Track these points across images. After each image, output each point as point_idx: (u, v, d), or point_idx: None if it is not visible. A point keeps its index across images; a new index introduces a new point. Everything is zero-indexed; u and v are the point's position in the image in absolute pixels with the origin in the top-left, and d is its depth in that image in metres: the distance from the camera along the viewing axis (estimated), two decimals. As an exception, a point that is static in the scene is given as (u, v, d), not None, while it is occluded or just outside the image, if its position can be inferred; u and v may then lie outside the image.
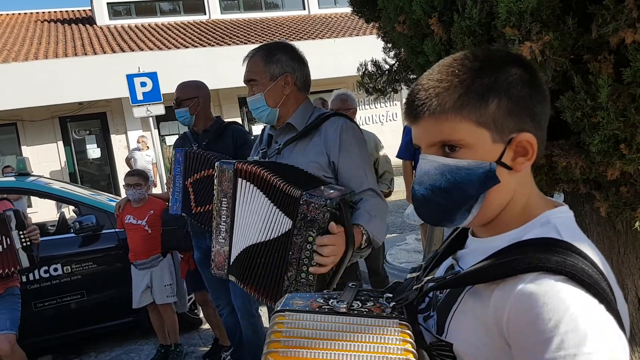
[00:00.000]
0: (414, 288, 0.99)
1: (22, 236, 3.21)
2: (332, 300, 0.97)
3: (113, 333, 4.83)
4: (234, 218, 1.78)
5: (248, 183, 1.74)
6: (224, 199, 1.81)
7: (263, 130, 2.16)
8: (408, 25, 1.93)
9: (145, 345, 4.68)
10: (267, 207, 1.68)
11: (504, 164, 0.87)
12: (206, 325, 4.69)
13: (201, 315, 4.75)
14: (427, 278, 0.99)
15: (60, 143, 12.18)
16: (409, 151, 4.61)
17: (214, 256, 1.88)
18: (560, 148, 1.73)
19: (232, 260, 1.78)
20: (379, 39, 2.71)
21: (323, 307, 0.95)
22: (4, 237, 3.18)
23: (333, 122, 1.91)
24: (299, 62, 1.99)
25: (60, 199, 4.92)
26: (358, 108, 4.38)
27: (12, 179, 4.93)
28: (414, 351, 0.86)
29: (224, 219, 1.80)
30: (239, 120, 12.04)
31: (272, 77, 1.93)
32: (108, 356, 4.55)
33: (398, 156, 4.61)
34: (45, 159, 11.78)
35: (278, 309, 0.96)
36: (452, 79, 0.87)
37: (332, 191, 1.65)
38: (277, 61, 1.94)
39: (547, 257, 0.79)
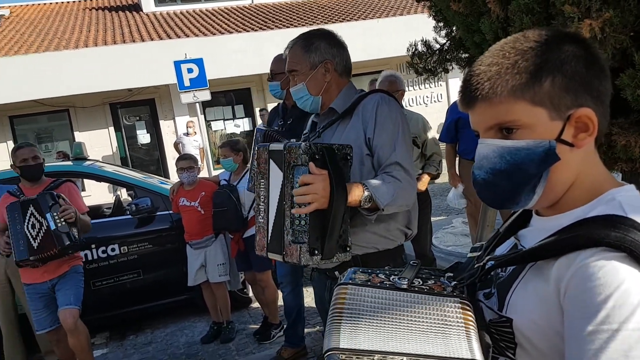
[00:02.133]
0: (475, 267, 1.01)
1: (56, 217, 3.36)
2: (393, 277, 1.00)
3: (168, 310, 5.04)
4: (269, 197, 1.82)
5: (272, 161, 1.79)
6: (261, 180, 1.85)
7: (309, 117, 2.19)
8: (464, 3, 1.92)
9: (198, 322, 4.85)
10: (277, 171, 1.74)
11: (564, 140, 0.88)
12: (255, 304, 4.82)
13: (250, 294, 4.89)
14: (489, 257, 1.00)
15: (112, 129, 12.59)
16: (450, 134, 4.56)
17: (256, 236, 1.92)
18: (619, 126, 1.70)
19: (269, 238, 1.83)
20: (430, 18, 2.68)
21: (384, 282, 0.98)
22: (43, 219, 3.34)
23: (370, 98, 1.92)
24: (338, 47, 2.00)
25: (116, 182, 5.13)
26: (402, 89, 4.34)
27: (70, 163, 5.17)
28: (475, 330, 0.88)
29: (262, 199, 1.85)
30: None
31: (312, 65, 1.95)
32: (163, 332, 4.75)
33: (440, 139, 4.57)
34: (97, 144, 12.20)
35: (341, 282, 1.00)
36: (503, 61, 0.88)
37: (319, 144, 1.67)
38: (315, 49, 1.95)
39: (607, 232, 0.80)
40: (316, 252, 1.63)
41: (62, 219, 3.36)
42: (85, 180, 8.32)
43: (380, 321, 0.89)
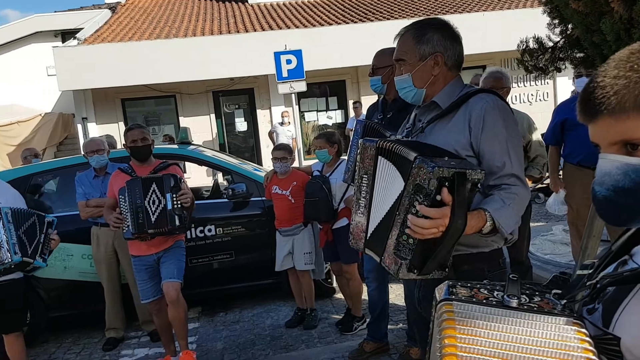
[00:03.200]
0: (587, 284, 0.96)
1: (174, 199, 3.54)
2: (496, 292, 0.98)
3: (255, 292, 5.22)
4: (372, 195, 1.79)
5: (387, 161, 1.73)
6: (364, 176, 1.82)
7: (411, 110, 2.12)
8: (584, 2, 1.78)
9: (283, 306, 4.98)
10: (396, 177, 1.68)
11: None
12: (339, 295, 4.86)
13: (335, 284, 4.94)
14: (602, 274, 0.95)
15: (213, 116, 13.18)
16: (556, 136, 4.29)
17: (352, 229, 1.91)
18: None
19: (369, 234, 1.81)
20: (544, 14, 2.52)
21: (490, 299, 0.96)
22: (163, 197, 3.53)
23: (479, 99, 1.81)
24: (452, 40, 1.90)
25: (215, 166, 5.37)
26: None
27: (175, 146, 5.48)
28: (593, 349, 0.86)
29: (363, 195, 1.82)
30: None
31: (421, 57, 1.87)
32: (250, 313, 4.93)
33: (545, 140, 4.31)
34: (199, 129, 12.83)
35: (442, 297, 0.98)
36: (630, 74, 0.83)
37: (453, 163, 1.57)
38: (427, 40, 1.87)
39: None
40: (415, 270, 1.60)
41: (179, 202, 3.54)
42: (187, 163, 8.78)
43: (495, 341, 0.89)
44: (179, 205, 3.55)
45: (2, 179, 4.27)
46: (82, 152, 4.57)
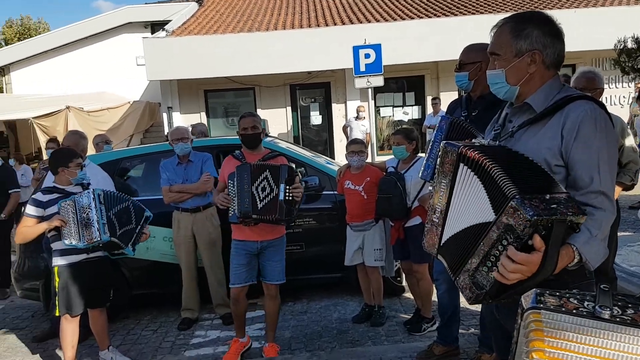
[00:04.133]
0: None
1: (287, 191, 3.56)
2: (587, 303, 0.94)
3: (323, 285, 5.27)
4: (449, 201, 1.74)
5: (469, 170, 1.66)
6: (443, 180, 1.77)
7: (503, 106, 2.03)
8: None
9: (350, 301, 5.00)
10: (481, 194, 1.60)
11: None
12: (408, 294, 4.80)
13: (404, 283, 4.89)
14: None
15: (289, 109, 13.40)
16: (652, 142, 4.00)
17: (426, 232, 1.87)
18: None
19: (442, 241, 1.77)
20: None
21: (580, 309, 0.93)
22: (276, 186, 3.55)
23: (577, 106, 1.69)
24: (553, 37, 1.79)
25: (291, 159, 5.41)
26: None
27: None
28: None
29: (440, 200, 1.78)
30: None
31: (517, 53, 1.78)
32: (318, 305, 4.98)
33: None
34: (275, 122, 13.09)
35: (530, 306, 0.95)
36: None
37: (554, 205, 1.46)
38: (526, 36, 1.77)
39: None
40: (490, 300, 1.56)
41: (291, 194, 3.56)
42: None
43: (585, 356, 0.87)
44: (291, 198, 3.55)
45: (93, 162, 4.59)
46: (168, 140, 4.78)
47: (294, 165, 7.90)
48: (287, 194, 3.53)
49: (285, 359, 3.87)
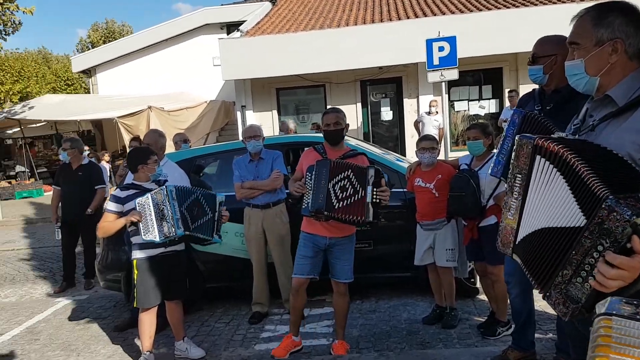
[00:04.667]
0: None
1: (374, 193, 3.50)
2: None
3: (393, 284, 5.19)
4: (525, 197, 1.64)
5: (547, 163, 1.56)
6: (518, 175, 1.68)
7: (582, 101, 1.91)
8: None
9: (421, 301, 4.89)
10: (564, 194, 1.49)
11: None
12: (482, 296, 4.63)
13: (478, 285, 4.72)
14: None
15: (359, 105, 13.34)
16: None
17: (500, 231, 1.79)
18: None
19: (518, 239, 1.68)
20: None
21: None
22: (362, 188, 3.51)
23: None
24: (637, 26, 1.68)
25: (359, 155, 5.38)
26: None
27: (320, 134, 5.60)
28: None
29: (515, 196, 1.69)
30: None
31: (597, 42, 1.69)
32: (387, 304, 4.92)
33: None
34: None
35: (602, 311, 0.87)
36: None
37: None
38: (608, 24, 1.68)
39: None
40: (586, 314, 1.44)
41: (379, 197, 3.49)
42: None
43: None
44: (377, 201, 3.49)
45: (171, 160, 4.77)
46: (241, 138, 4.89)
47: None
48: (374, 197, 3.47)
49: (353, 357, 3.84)
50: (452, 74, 9.54)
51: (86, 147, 12.63)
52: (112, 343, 4.61)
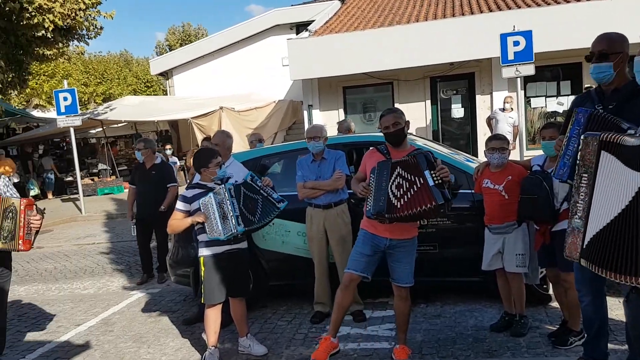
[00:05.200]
0: None
1: (433, 175, 3.39)
2: None
3: (459, 289, 5.02)
4: (592, 196, 1.58)
5: (612, 156, 1.52)
6: (584, 175, 1.62)
7: None
8: None
9: (489, 308, 4.70)
10: (629, 176, 1.44)
11: None
12: (554, 304, 4.39)
13: (550, 292, 4.47)
14: None
15: (428, 102, 13.04)
16: None
17: (567, 237, 1.71)
18: None
19: (585, 242, 1.61)
20: None
21: None
22: (417, 177, 3.41)
23: None
24: None
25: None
26: None
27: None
28: None
29: (582, 197, 1.61)
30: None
31: None
32: (452, 309, 4.76)
33: None
34: (413, 116, 12.82)
35: None
36: None
37: None
38: None
39: None
40: None
41: (439, 177, 3.38)
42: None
43: None
44: (440, 180, 3.37)
45: (237, 159, 4.87)
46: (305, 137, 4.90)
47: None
48: (434, 179, 3.35)
49: (415, 363, 3.75)
50: (528, 69, 9.17)
51: (168, 146, 13.23)
52: (181, 336, 4.76)
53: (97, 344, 4.78)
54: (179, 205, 3.95)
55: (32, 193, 15.84)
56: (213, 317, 4.01)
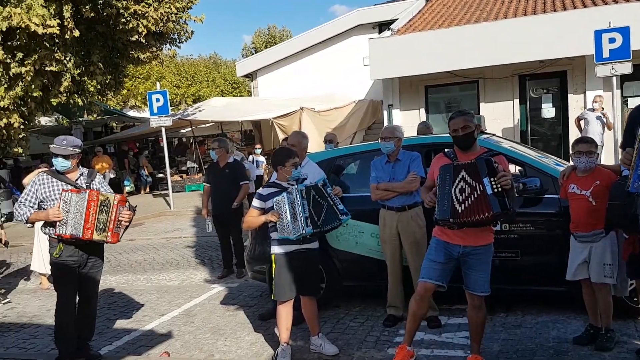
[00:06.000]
0: None
1: (493, 182, 3.28)
2: None
3: (542, 298, 4.77)
4: None
5: None
6: None
7: None
8: None
9: (573, 319, 4.43)
10: None
11: None
12: (647, 319, 4.07)
13: (642, 306, 4.15)
14: None
15: (517, 101, 12.47)
16: None
17: None
18: None
19: None
20: None
21: None
22: (477, 183, 3.31)
23: None
24: None
25: (508, 157, 4.98)
26: None
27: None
28: None
29: None
30: None
31: None
32: (534, 319, 4.54)
33: None
34: (499, 116, 12.33)
35: None
36: None
37: None
38: None
39: None
40: None
41: (499, 185, 3.27)
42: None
43: None
44: (499, 189, 3.26)
45: (312, 159, 4.92)
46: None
47: (514, 166, 7.37)
48: (494, 186, 3.23)
49: (490, 374, 3.61)
50: (625, 68, 8.59)
51: (258, 146, 13.64)
52: (256, 331, 4.90)
53: (178, 334, 5.02)
54: (255, 202, 4.07)
55: (127, 189, 16.97)
56: (284, 314, 4.09)
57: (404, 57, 12.03)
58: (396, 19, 14.89)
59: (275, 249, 4.06)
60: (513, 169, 7.87)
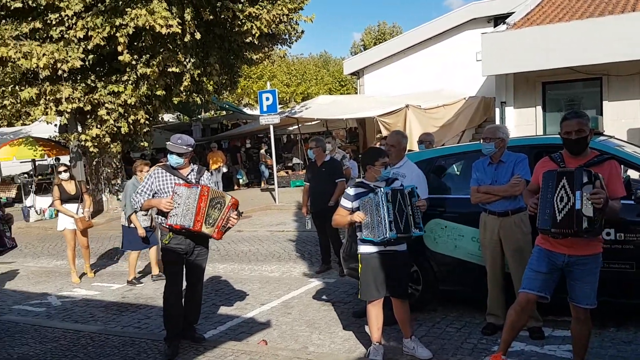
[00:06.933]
0: None
1: (584, 197, 3.06)
2: None
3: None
4: None
5: None
6: None
7: None
8: None
9: (698, 343, 3.98)
10: None
11: None
12: None
13: None
14: None
15: (645, 100, 11.36)
16: None
17: None
18: None
19: None
20: None
21: None
22: (572, 194, 3.10)
23: None
24: None
25: (626, 162, 4.56)
26: None
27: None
28: None
29: None
30: None
31: None
32: (652, 339, 4.14)
33: None
34: (624, 116, 11.30)
35: None
36: None
37: None
38: None
39: None
40: None
41: (590, 202, 3.06)
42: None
43: None
44: (590, 206, 3.05)
45: (411, 159, 4.86)
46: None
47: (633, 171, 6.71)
48: (584, 202, 3.02)
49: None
50: None
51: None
52: (350, 327, 4.95)
53: (276, 324, 5.21)
54: (343, 201, 4.13)
55: (241, 182, 17.99)
56: (374, 314, 4.08)
57: (520, 52, 11.42)
58: (513, 12, 14.17)
59: (361, 249, 4.08)
60: (634, 174, 7.21)
